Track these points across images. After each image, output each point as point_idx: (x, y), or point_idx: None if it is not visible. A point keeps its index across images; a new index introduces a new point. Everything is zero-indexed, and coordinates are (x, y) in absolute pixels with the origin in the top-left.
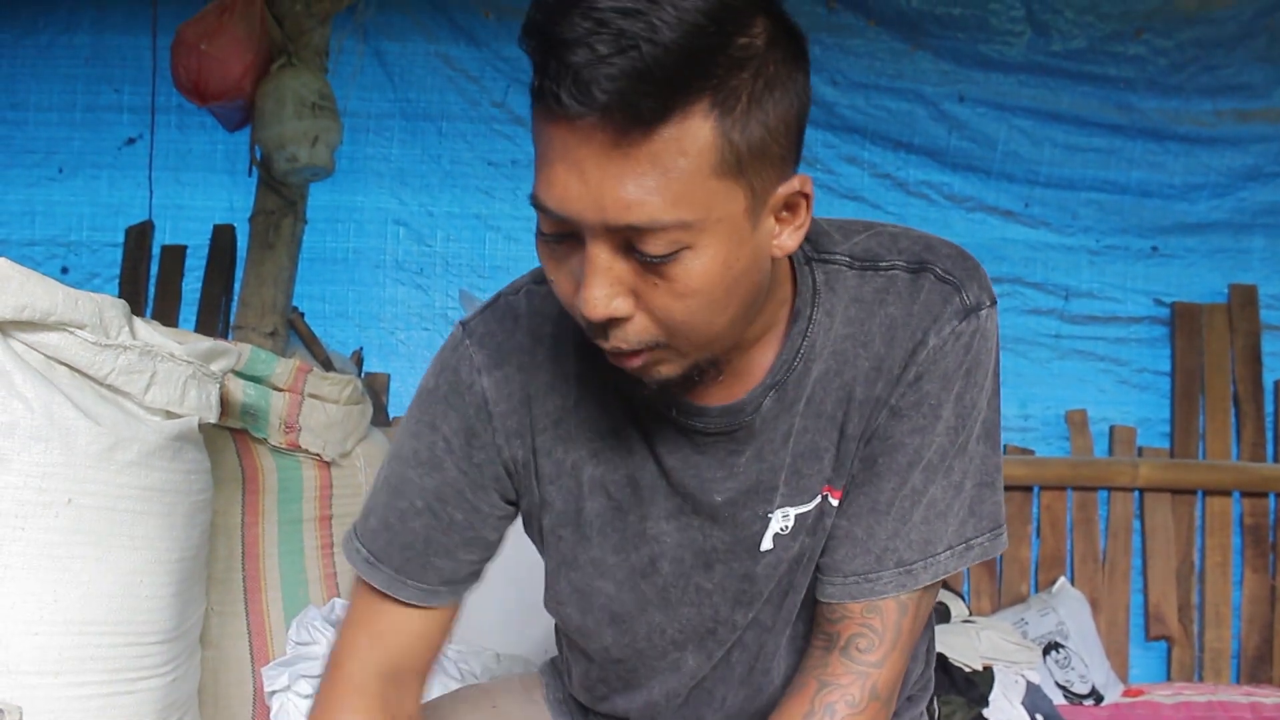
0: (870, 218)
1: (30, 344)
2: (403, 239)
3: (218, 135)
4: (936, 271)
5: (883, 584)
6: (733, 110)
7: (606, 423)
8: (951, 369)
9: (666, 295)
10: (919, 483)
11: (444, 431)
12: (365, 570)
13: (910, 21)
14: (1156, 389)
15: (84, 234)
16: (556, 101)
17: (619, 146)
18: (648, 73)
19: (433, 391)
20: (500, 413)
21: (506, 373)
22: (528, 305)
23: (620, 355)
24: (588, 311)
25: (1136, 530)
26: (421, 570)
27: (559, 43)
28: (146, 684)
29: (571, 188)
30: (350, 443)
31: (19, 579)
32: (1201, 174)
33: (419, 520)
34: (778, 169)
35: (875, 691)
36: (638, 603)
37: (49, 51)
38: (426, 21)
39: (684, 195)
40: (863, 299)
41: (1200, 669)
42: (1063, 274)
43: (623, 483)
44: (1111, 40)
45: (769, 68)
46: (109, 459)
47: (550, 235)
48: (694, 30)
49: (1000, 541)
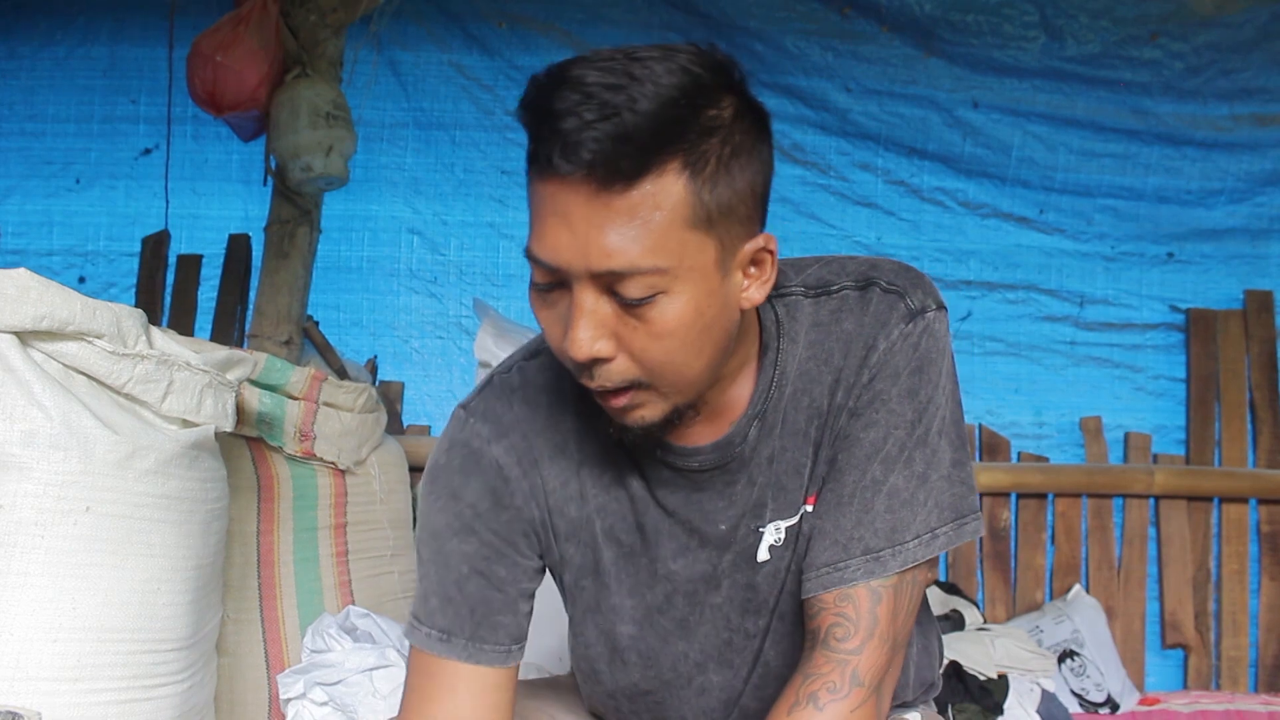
0: (884, 224)
1: (49, 353)
2: (416, 247)
3: (233, 145)
4: (881, 284)
5: (851, 571)
6: (702, 171)
7: (610, 476)
8: (901, 367)
9: (645, 337)
10: (878, 473)
11: (467, 499)
12: (440, 649)
13: (924, 27)
14: (1172, 395)
15: (101, 244)
16: (549, 163)
17: (601, 199)
18: (628, 136)
19: (446, 466)
20: (514, 477)
21: (512, 441)
22: (521, 379)
23: (606, 394)
24: (573, 352)
25: (1152, 538)
26: (492, 631)
27: (551, 113)
28: (164, 690)
29: (561, 238)
30: (365, 451)
31: (39, 586)
32: (1218, 179)
33: (472, 584)
34: (744, 226)
35: (857, 678)
36: (660, 637)
37: (66, 63)
38: (440, 31)
39: (659, 244)
40: (820, 322)
41: (1218, 677)
42: (1078, 280)
43: (631, 530)
44: (1126, 44)
45: (735, 137)
46: (127, 467)
47: (543, 285)
48: (668, 102)
49: (966, 530)
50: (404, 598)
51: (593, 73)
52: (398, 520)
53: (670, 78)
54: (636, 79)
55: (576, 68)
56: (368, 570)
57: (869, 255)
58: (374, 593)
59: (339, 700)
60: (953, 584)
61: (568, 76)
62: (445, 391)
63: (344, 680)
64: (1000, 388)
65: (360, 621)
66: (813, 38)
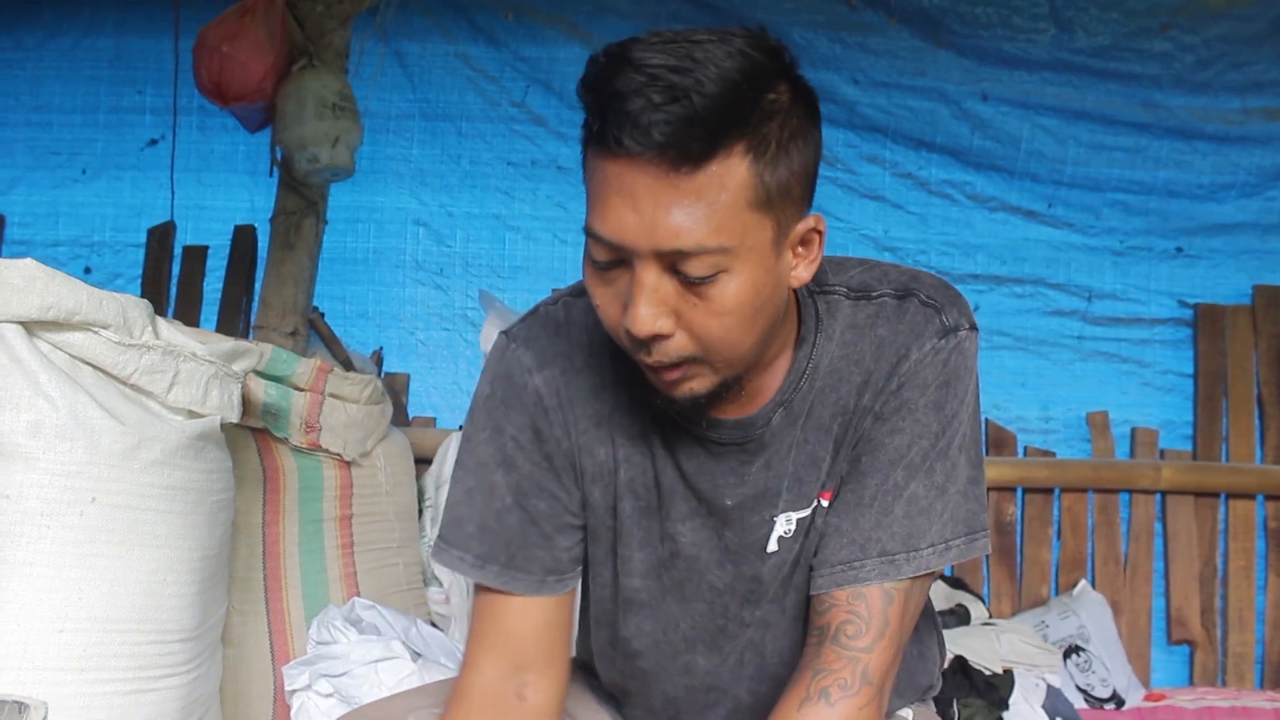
0: (892, 217)
1: (55, 343)
2: (422, 239)
3: (239, 136)
4: (920, 297)
5: (866, 571)
6: (764, 154)
7: (635, 428)
8: (930, 379)
9: (704, 314)
10: (900, 479)
11: (510, 432)
12: (474, 573)
13: (932, 19)
14: (1180, 391)
15: (107, 234)
16: (617, 143)
17: (670, 181)
18: (698, 119)
19: (490, 398)
20: (552, 407)
21: (553, 373)
22: (566, 315)
23: (659, 369)
24: (635, 328)
25: (1159, 533)
26: (526, 562)
27: (616, 94)
28: (169, 681)
29: (626, 217)
30: (370, 442)
31: (45, 576)
32: (1230, 173)
33: (512, 516)
34: (797, 207)
35: (867, 676)
36: (659, 590)
37: (72, 54)
38: (446, 23)
39: (724, 224)
40: (857, 324)
41: (1223, 673)
42: (1085, 275)
43: (650, 485)
44: (1137, 37)
45: (792, 120)
46: (132, 458)
47: (602, 263)
48: (733, 86)
49: (976, 546)
50: (409, 590)
51: (655, 55)
52: (403, 512)
53: (731, 61)
54: (699, 61)
55: (637, 49)
56: (373, 562)
57: (909, 266)
58: (379, 585)
59: (344, 692)
60: (958, 578)
61: (629, 58)
62: (451, 383)
63: (349, 672)
64: (1007, 382)
65: (365, 613)
66: (820, 29)
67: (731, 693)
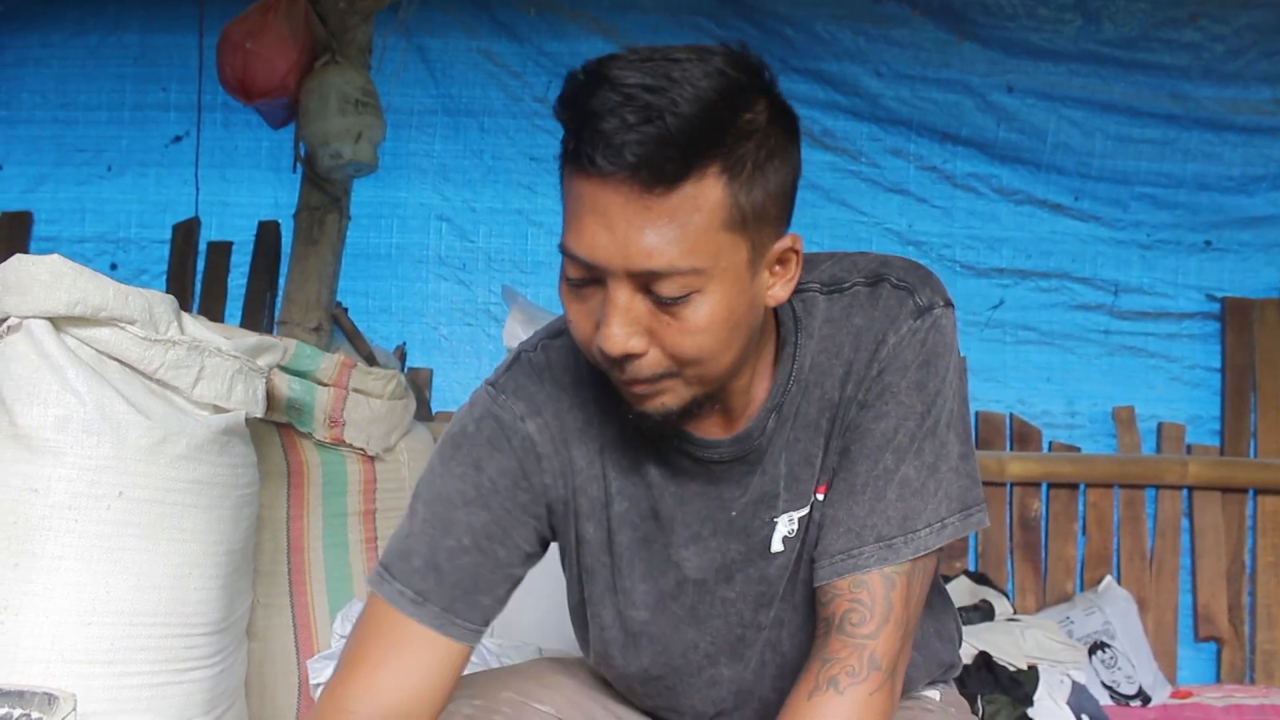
0: (916, 211)
1: (82, 339)
2: (445, 234)
3: (263, 132)
4: (891, 281)
5: (865, 558)
6: (740, 174)
7: (629, 461)
8: (910, 360)
9: (677, 333)
10: (890, 463)
11: (489, 472)
12: (411, 610)
13: (956, 11)
14: (1207, 386)
15: (132, 231)
16: (590, 162)
17: (643, 201)
18: (671, 139)
19: (474, 435)
20: (547, 454)
21: (545, 419)
22: (546, 359)
23: (632, 383)
24: (607, 347)
25: (1185, 529)
26: (469, 609)
27: (591, 113)
28: (195, 674)
29: (599, 237)
30: (394, 437)
31: (73, 570)
32: (1261, 165)
33: (467, 558)
34: (774, 227)
35: (875, 662)
36: (671, 624)
37: (98, 51)
38: (468, 18)
39: (697, 245)
40: (833, 318)
41: (1251, 671)
42: (1112, 269)
43: (647, 515)
44: (1165, 26)
45: (769, 140)
46: (158, 452)
47: (575, 280)
48: (709, 105)
49: (971, 521)
50: None
51: (631, 73)
52: None
53: (708, 80)
54: (675, 81)
55: (615, 67)
56: None
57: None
58: None
59: None
60: (983, 574)
61: (606, 76)
62: (474, 378)
63: None
64: (1032, 377)
65: None
66: (844, 22)
67: (759, 694)
